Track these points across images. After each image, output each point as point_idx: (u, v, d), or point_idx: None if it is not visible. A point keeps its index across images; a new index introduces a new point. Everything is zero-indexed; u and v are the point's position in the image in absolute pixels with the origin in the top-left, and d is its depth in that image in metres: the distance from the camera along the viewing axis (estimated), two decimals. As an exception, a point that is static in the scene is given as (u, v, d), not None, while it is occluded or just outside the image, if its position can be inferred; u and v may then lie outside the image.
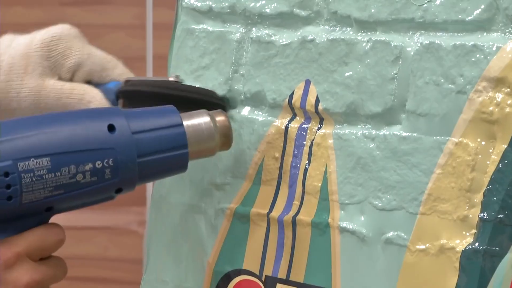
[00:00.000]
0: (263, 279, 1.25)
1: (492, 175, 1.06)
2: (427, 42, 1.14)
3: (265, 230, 1.25)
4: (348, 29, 1.21)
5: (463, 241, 1.08)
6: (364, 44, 1.19)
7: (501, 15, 1.08)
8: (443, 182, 1.10)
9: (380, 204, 1.15)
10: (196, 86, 1.24)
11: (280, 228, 1.23)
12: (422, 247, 1.11)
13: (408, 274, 1.12)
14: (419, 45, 1.14)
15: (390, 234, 1.14)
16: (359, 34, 1.20)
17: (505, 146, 1.06)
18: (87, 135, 0.96)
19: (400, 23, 1.17)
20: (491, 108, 1.07)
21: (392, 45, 1.16)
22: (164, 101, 1.14)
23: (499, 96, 1.07)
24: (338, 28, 1.22)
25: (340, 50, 1.20)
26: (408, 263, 1.13)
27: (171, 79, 1.22)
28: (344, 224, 1.18)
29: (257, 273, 1.25)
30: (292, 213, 1.23)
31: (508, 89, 1.06)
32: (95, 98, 1.15)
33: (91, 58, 1.20)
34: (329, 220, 1.19)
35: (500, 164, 1.06)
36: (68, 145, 0.95)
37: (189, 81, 1.27)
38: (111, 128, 0.94)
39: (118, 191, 1.00)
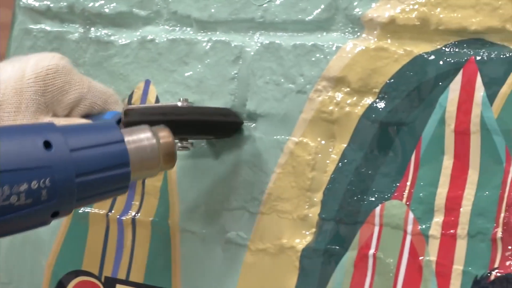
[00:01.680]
0: (102, 280, 1.12)
1: (332, 174, 0.97)
2: (267, 42, 1.04)
3: (104, 231, 1.13)
4: (188, 29, 1.11)
5: (303, 240, 0.98)
6: (204, 44, 1.08)
7: (340, 15, 0.99)
8: (283, 181, 1.00)
9: (221, 204, 1.04)
10: (210, 106, 1.07)
11: (119, 228, 1.11)
12: (262, 246, 1.01)
13: (249, 274, 1.02)
14: (259, 45, 1.04)
15: (230, 234, 1.04)
16: (199, 34, 1.09)
17: (345, 145, 0.97)
18: (21, 153, 0.77)
19: (240, 23, 1.06)
20: (331, 108, 0.98)
21: (232, 45, 1.06)
22: (178, 129, 0.95)
23: (338, 96, 0.98)
24: (178, 28, 1.11)
25: (180, 50, 1.09)
26: (248, 262, 1.02)
27: (179, 104, 1.00)
28: (184, 225, 1.06)
29: (97, 274, 1.13)
30: (131, 213, 1.11)
31: (348, 89, 0.97)
32: None
33: (91, 91, 0.99)
34: (169, 220, 1.08)
35: (340, 164, 0.97)
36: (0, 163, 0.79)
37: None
38: (47, 145, 0.78)
39: (54, 214, 0.83)
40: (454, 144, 0.91)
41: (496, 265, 0.87)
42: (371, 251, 0.95)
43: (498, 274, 0.88)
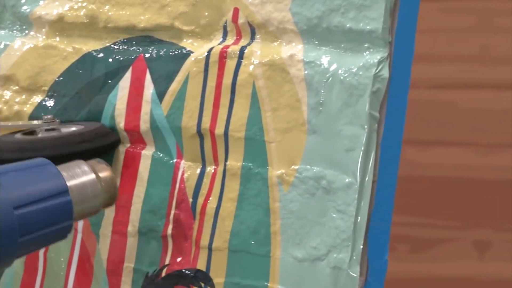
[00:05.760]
0: None
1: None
2: None
3: None
4: None
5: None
6: None
7: (8, 13, 0.73)
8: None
9: None
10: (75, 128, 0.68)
11: None
12: None
13: None
14: None
15: None
16: None
17: None
18: None
19: None
20: (0, 106, 0.71)
21: None
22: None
23: (7, 94, 0.73)
24: None
25: None
26: None
27: (42, 127, 0.66)
28: None
29: None
30: None
31: (17, 87, 0.71)
32: None
33: None
34: None
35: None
36: None
37: None
38: None
39: None
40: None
41: (167, 262, 0.66)
42: (41, 251, 0.69)
43: (169, 271, 0.66)
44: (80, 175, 0.57)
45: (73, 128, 0.67)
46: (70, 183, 0.56)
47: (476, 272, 0.66)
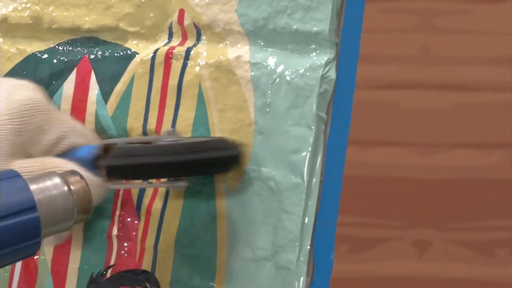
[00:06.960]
0: None
1: None
2: None
3: None
4: None
5: None
6: None
7: None
8: None
9: None
10: (200, 138, 0.60)
11: None
12: None
13: None
14: None
15: None
16: None
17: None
18: None
19: None
20: None
21: None
22: (165, 171, 0.57)
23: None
24: None
25: None
26: None
27: (167, 137, 0.59)
28: None
29: None
30: None
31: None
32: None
33: (74, 130, 0.56)
34: None
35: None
36: None
37: None
38: None
39: None
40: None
41: (112, 263, 0.62)
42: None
43: (115, 272, 0.63)
44: (51, 189, 0.50)
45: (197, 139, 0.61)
46: (38, 197, 0.49)
47: (416, 272, 0.64)
